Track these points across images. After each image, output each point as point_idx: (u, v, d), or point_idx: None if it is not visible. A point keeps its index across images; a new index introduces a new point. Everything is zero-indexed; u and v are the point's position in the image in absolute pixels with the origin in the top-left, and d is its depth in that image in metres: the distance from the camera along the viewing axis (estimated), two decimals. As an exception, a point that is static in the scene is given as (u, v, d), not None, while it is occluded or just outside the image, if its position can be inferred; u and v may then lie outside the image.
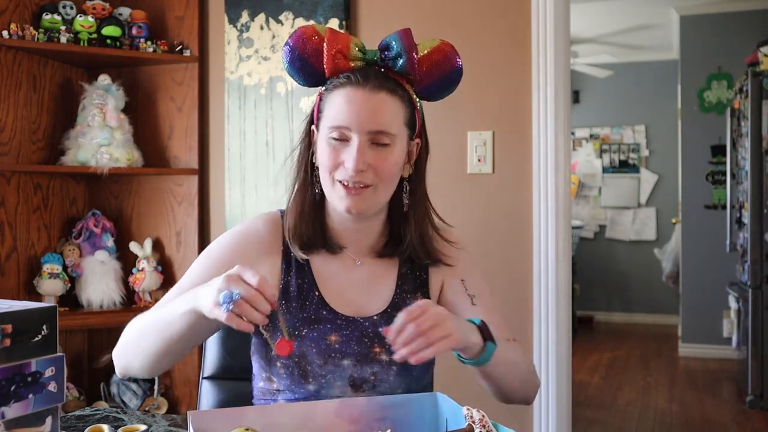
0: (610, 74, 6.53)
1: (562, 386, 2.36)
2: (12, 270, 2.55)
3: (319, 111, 1.28)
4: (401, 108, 1.25)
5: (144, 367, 1.24)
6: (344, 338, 1.25)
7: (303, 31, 1.25)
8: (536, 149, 2.36)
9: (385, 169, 1.23)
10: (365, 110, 1.21)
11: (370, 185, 1.23)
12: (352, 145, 1.21)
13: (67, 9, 2.63)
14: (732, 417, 4.07)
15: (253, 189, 2.68)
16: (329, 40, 1.23)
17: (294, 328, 1.25)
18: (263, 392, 1.30)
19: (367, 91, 1.22)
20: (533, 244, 2.36)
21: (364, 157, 1.21)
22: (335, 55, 1.23)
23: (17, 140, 2.56)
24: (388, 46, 1.25)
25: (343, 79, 1.24)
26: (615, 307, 7.30)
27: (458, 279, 1.36)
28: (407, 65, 1.24)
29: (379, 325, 1.27)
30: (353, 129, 1.21)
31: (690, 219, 5.65)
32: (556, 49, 2.34)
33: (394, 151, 1.24)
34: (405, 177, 1.31)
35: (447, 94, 1.33)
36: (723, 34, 5.55)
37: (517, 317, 2.38)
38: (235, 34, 2.70)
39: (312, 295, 1.28)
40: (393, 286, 1.33)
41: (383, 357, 1.25)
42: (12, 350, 0.76)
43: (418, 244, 1.31)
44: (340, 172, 1.23)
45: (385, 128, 1.22)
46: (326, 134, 1.24)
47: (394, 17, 2.51)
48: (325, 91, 1.27)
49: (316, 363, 1.23)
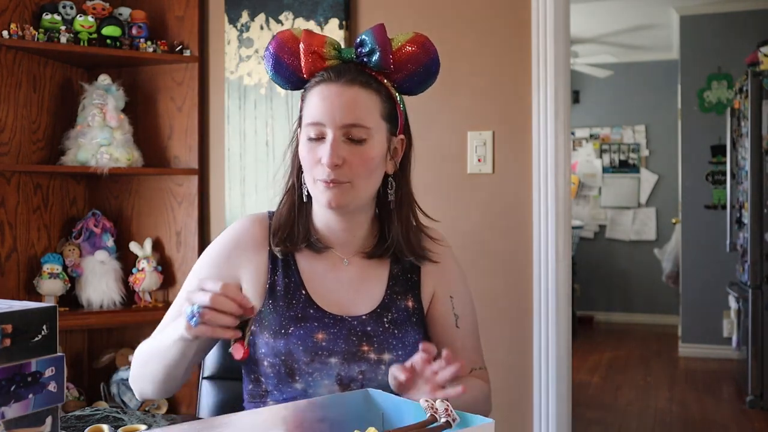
0: (610, 74, 6.53)
1: (562, 386, 2.36)
2: (12, 270, 2.55)
3: (301, 111, 1.29)
4: (377, 101, 1.25)
5: (155, 391, 1.29)
6: (331, 336, 1.25)
7: (281, 37, 1.28)
8: (536, 149, 2.36)
9: (361, 164, 1.23)
10: (338, 104, 1.22)
11: (347, 181, 1.23)
12: (327, 141, 1.22)
13: (67, 9, 2.63)
14: (732, 417, 4.07)
15: (253, 189, 2.68)
16: (305, 42, 1.25)
17: (280, 326, 1.25)
18: (252, 395, 1.30)
19: (340, 86, 1.23)
20: (533, 244, 2.36)
21: (338, 152, 1.21)
22: (311, 56, 1.25)
23: (17, 140, 2.56)
24: (362, 43, 1.26)
25: (318, 78, 1.25)
26: (615, 307, 7.30)
27: (448, 295, 1.37)
28: (381, 59, 1.24)
29: (367, 325, 1.28)
30: (327, 124, 1.22)
31: (690, 219, 5.65)
32: (556, 49, 2.34)
33: (371, 145, 1.24)
34: (389, 173, 1.31)
35: (427, 87, 1.32)
36: (723, 34, 5.55)
37: (517, 317, 2.38)
38: (235, 34, 2.70)
39: (299, 294, 1.28)
40: (383, 286, 1.33)
41: (371, 356, 1.26)
42: (12, 350, 0.76)
43: (403, 240, 1.32)
44: (318, 169, 1.24)
45: (360, 121, 1.23)
46: (305, 133, 1.26)
47: (394, 17, 2.51)
48: (305, 92, 1.29)
49: (303, 361, 1.23)
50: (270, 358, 1.25)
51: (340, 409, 1.02)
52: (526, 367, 2.37)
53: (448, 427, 0.91)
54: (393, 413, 1.01)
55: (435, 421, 0.92)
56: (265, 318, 1.27)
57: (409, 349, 1.28)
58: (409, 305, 1.33)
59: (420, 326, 1.33)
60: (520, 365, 2.38)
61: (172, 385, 1.27)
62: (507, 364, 2.37)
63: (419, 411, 0.96)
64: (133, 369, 1.31)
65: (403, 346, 1.28)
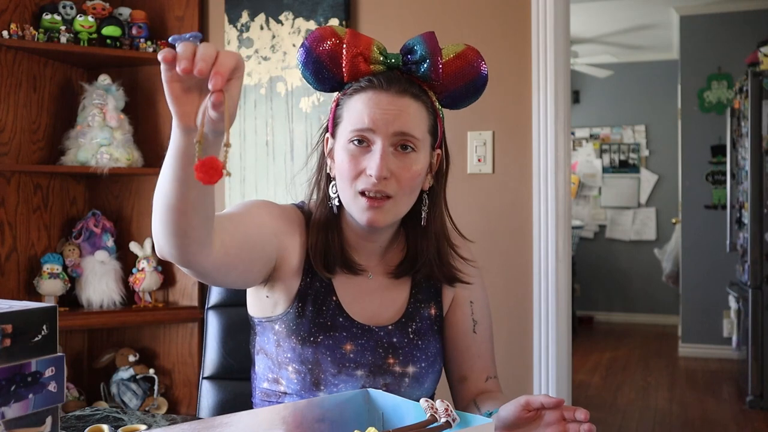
0: (610, 74, 6.53)
1: (562, 386, 2.36)
2: (12, 270, 2.55)
3: (336, 117, 1.21)
4: (425, 115, 1.19)
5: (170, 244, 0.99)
6: (359, 348, 1.22)
7: (320, 33, 1.17)
8: (536, 149, 2.36)
9: (408, 178, 1.16)
10: (390, 113, 1.14)
11: (392, 196, 1.16)
12: (375, 150, 1.15)
13: (67, 9, 2.63)
14: (732, 417, 4.07)
15: (253, 189, 2.68)
16: (349, 43, 1.16)
17: (309, 333, 1.21)
18: (267, 394, 1.27)
19: (390, 95, 1.15)
20: (533, 244, 2.37)
21: (387, 163, 1.14)
22: (355, 58, 1.16)
23: (17, 140, 2.56)
24: (411, 50, 1.18)
25: (364, 83, 1.17)
26: (615, 307, 7.30)
27: (468, 300, 1.33)
28: (431, 70, 1.17)
29: (393, 336, 1.25)
30: (377, 131, 1.14)
31: (690, 219, 5.65)
32: (556, 49, 2.34)
33: (418, 158, 1.18)
34: (425, 189, 1.24)
35: (470, 103, 1.25)
36: (723, 34, 5.55)
37: (517, 317, 2.38)
38: (235, 34, 2.70)
39: (330, 300, 1.24)
40: (407, 294, 1.29)
41: (396, 368, 1.24)
42: (12, 350, 0.76)
43: (435, 261, 1.27)
44: (362, 180, 1.15)
45: (410, 131, 1.15)
46: (346, 140, 1.17)
47: (394, 17, 2.51)
48: (344, 97, 1.20)
49: (330, 372, 1.20)
50: (296, 364, 1.21)
51: (340, 409, 1.02)
52: (526, 367, 2.37)
53: (448, 427, 0.91)
54: (393, 413, 1.01)
55: (435, 421, 0.92)
56: (292, 321, 1.22)
57: (432, 360, 1.27)
58: (431, 313, 1.30)
59: (440, 333, 1.32)
60: (520, 365, 2.38)
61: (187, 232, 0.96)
62: (507, 364, 2.37)
63: (419, 411, 0.96)
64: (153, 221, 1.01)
65: (426, 358, 1.27)
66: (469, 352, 1.32)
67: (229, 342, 1.57)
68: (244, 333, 1.42)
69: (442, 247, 1.28)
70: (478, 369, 1.32)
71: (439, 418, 0.92)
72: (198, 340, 2.72)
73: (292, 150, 2.63)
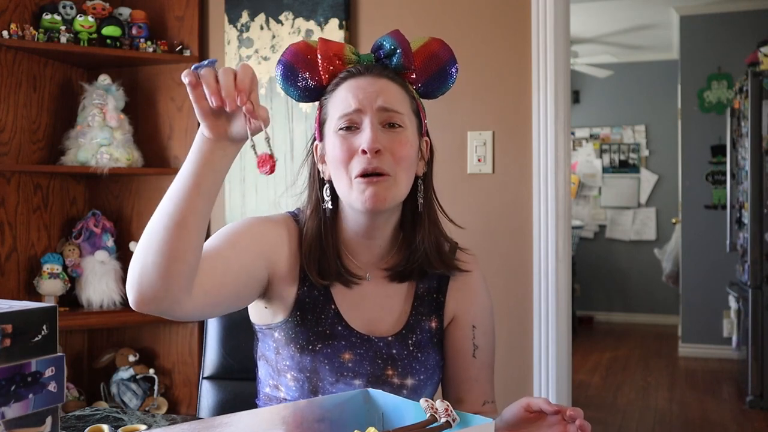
0: (610, 74, 6.53)
1: (562, 386, 2.36)
2: (12, 270, 2.55)
3: (322, 117, 1.23)
4: (405, 96, 1.22)
5: (160, 263, 1.07)
6: (358, 357, 1.22)
7: (294, 46, 1.22)
8: (536, 149, 2.36)
9: (402, 151, 1.17)
10: (372, 93, 1.18)
11: (389, 174, 1.16)
12: (365, 127, 1.16)
13: (67, 9, 2.63)
14: (732, 417, 4.07)
15: (253, 189, 2.68)
16: (322, 48, 1.21)
17: (308, 341, 1.21)
18: (269, 398, 1.28)
19: (370, 77, 1.19)
20: (533, 244, 2.37)
21: (378, 137, 1.15)
22: (331, 59, 1.20)
23: (17, 140, 2.56)
24: (380, 46, 1.23)
25: (343, 74, 1.21)
26: (615, 307, 7.30)
27: (470, 324, 1.32)
28: (403, 59, 1.21)
29: (393, 347, 1.24)
30: (363, 110, 1.17)
31: (690, 219, 5.65)
32: (556, 49, 2.34)
33: (407, 135, 1.19)
34: (419, 175, 1.26)
35: (446, 90, 1.28)
36: (723, 34, 5.55)
37: (517, 317, 2.38)
38: (235, 34, 2.70)
39: (328, 308, 1.23)
40: (408, 306, 1.28)
41: (395, 380, 1.23)
42: (12, 350, 0.76)
43: (433, 247, 1.27)
44: (356, 161, 1.16)
45: (395, 107, 1.18)
46: (335, 130, 1.19)
47: (394, 17, 2.51)
48: (326, 97, 1.23)
49: (328, 380, 1.21)
50: (294, 372, 1.22)
51: (340, 409, 1.02)
52: (526, 367, 2.37)
53: (448, 427, 0.91)
54: (393, 413, 1.01)
55: (435, 421, 0.92)
56: (291, 329, 1.23)
57: (431, 372, 1.27)
58: (432, 326, 1.29)
59: (440, 346, 1.31)
60: (520, 365, 2.38)
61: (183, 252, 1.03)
62: (507, 364, 2.37)
63: (419, 411, 0.96)
64: (132, 265, 1.10)
65: (425, 370, 1.26)
66: (466, 374, 1.31)
67: (229, 342, 1.57)
68: (244, 333, 1.42)
69: (438, 234, 1.29)
70: (476, 393, 1.32)
71: (439, 418, 0.92)
72: (198, 340, 2.72)
73: (292, 150, 2.63)
